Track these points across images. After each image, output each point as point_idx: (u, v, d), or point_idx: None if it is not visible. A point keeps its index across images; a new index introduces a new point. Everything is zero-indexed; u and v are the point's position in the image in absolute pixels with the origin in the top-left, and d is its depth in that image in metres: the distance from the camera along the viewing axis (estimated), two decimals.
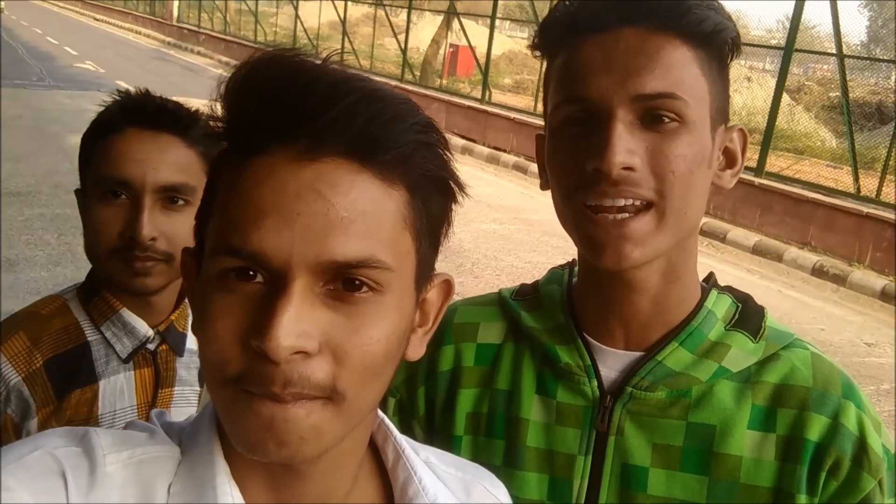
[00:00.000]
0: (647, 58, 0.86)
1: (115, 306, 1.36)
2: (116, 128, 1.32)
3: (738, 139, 0.97)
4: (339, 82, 0.62)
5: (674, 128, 0.87)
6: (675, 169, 0.86)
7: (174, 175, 1.31)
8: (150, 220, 1.29)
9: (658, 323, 0.96)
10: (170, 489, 0.67)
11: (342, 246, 0.60)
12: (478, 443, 1.02)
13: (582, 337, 0.99)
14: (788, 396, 0.92)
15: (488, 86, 14.72)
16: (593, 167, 0.86)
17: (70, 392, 1.31)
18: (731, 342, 0.95)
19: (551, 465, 0.97)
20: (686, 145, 0.87)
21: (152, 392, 1.39)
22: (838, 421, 0.90)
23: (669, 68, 0.86)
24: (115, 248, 1.30)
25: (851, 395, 0.92)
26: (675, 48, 0.87)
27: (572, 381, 0.97)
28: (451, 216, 0.71)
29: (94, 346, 1.35)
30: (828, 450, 0.89)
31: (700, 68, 0.89)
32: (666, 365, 0.94)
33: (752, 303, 1.01)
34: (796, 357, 0.95)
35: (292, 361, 0.59)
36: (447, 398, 1.04)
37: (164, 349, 1.41)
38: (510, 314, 1.06)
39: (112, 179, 1.30)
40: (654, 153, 0.86)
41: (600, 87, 0.87)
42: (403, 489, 0.77)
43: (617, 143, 0.85)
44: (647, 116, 0.87)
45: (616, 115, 0.86)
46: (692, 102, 0.87)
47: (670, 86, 0.86)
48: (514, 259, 7.68)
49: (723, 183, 0.96)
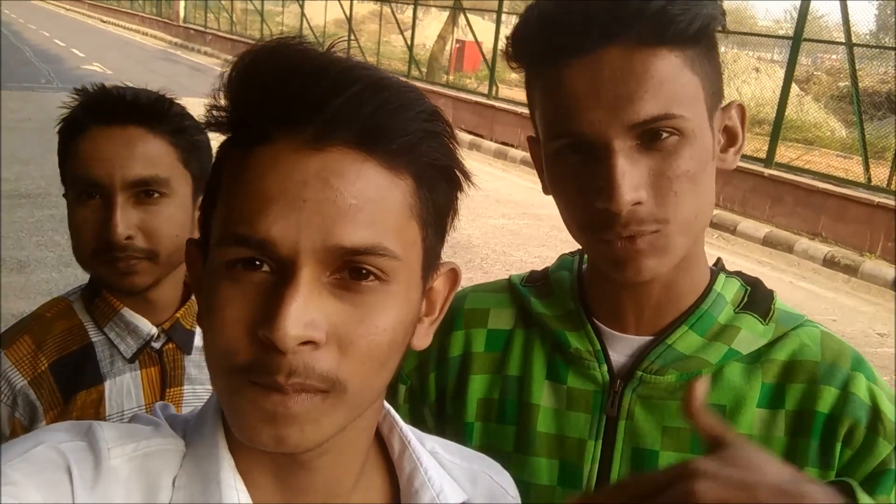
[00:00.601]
0: (636, 81, 0.81)
1: (115, 306, 1.35)
2: (81, 128, 1.29)
3: (736, 115, 0.95)
4: (345, 71, 0.62)
5: (674, 142, 0.84)
6: (677, 189, 0.85)
7: (144, 169, 1.28)
8: (124, 218, 1.26)
9: (668, 308, 0.96)
10: (174, 482, 0.67)
11: (349, 233, 0.60)
12: (489, 429, 1.02)
13: (592, 322, 0.99)
14: (798, 372, 0.92)
15: (495, 81, 14.69)
16: (603, 206, 0.84)
17: (76, 393, 1.30)
18: (741, 324, 0.95)
19: (562, 450, 0.97)
20: (688, 159, 0.85)
21: (160, 391, 1.37)
22: (848, 391, 0.90)
23: (660, 86, 0.82)
24: (95, 250, 1.29)
25: (861, 367, 0.92)
26: (663, 60, 0.82)
27: (582, 366, 0.98)
28: (458, 205, 0.71)
29: (98, 346, 1.34)
30: (840, 419, 0.89)
31: (692, 69, 0.85)
32: (676, 349, 0.94)
33: (762, 286, 1.01)
34: (805, 335, 0.95)
35: (299, 352, 0.59)
36: (458, 384, 1.04)
37: (171, 347, 1.39)
38: (520, 300, 1.06)
39: (83, 181, 1.28)
40: (658, 176, 0.84)
41: (592, 120, 0.83)
42: (409, 480, 0.77)
43: (623, 183, 0.82)
44: (646, 137, 0.84)
45: (614, 147, 0.82)
46: (689, 114, 0.84)
47: (664, 106, 0.82)
48: (524, 254, 7.67)
49: (726, 164, 0.95)
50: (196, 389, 1.42)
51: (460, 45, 19.13)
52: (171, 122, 1.33)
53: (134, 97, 1.31)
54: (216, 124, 0.66)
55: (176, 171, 1.33)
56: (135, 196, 1.28)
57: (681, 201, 0.85)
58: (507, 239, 8.14)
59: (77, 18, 39.56)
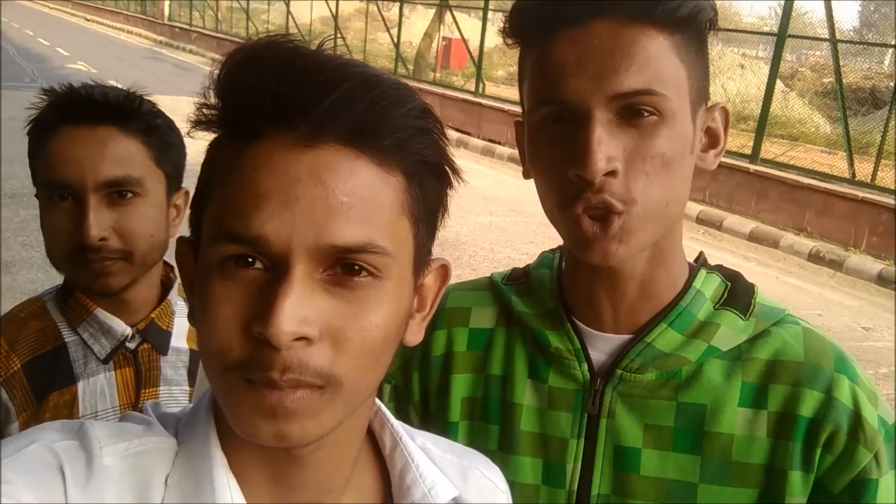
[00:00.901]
0: (623, 54, 0.83)
1: (88, 307, 1.33)
2: (50, 128, 1.27)
3: (719, 118, 0.96)
4: (336, 68, 0.62)
5: (653, 122, 0.85)
6: (649, 169, 0.85)
7: (115, 169, 1.26)
8: (97, 219, 1.24)
9: (646, 305, 0.96)
10: (167, 481, 0.67)
11: (342, 231, 0.60)
12: (473, 428, 1.02)
13: (571, 321, 0.99)
14: (780, 372, 0.92)
15: (482, 78, 14.70)
16: (575, 174, 0.85)
17: (49, 394, 1.28)
18: (721, 321, 0.95)
19: (545, 449, 0.98)
20: (665, 140, 0.85)
21: (135, 393, 1.36)
22: (831, 395, 0.90)
23: (646, 62, 0.83)
24: (70, 253, 1.27)
25: (844, 368, 0.92)
26: (650, 39, 0.84)
27: (563, 365, 0.98)
28: (448, 201, 0.72)
29: (71, 347, 1.32)
30: (822, 424, 0.89)
31: (678, 55, 0.86)
32: (655, 346, 0.94)
33: (742, 280, 1.00)
34: (787, 332, 0.95)
35: (293, 348, 0.59)
36: (441, 383, 1.04)
37: (146, 348, 1.38)
38: (501, 299, 1.06)
39: (54, 183, 1.26)
40: (633, 153, 0.85)
41: (576, 88, 0.84)
42: (401, 476, 0.77)
43: (597, 150, 0.83)
44: (626, 112, 0.85)
45: (594, 116, 0.84)
46: (671, 95, 0.85)
47: (648, 81, 0.83)
48: (511, 251, 7.69)
49: (706, 165, 0.95)
50: (172, 390, 1.40)
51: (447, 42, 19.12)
52: (142, 120, 1.31)
53: (103, 96, 1.29)
54: (207, 122, 0.66)
55: (149, 170, 1.31)
56: (107, 197, 1.27)
57: (651, 182, 0.86)
58: (494, 236, 8.15)
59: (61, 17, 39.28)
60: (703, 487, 0.92)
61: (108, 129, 1.27)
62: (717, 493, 0.92)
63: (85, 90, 1.30)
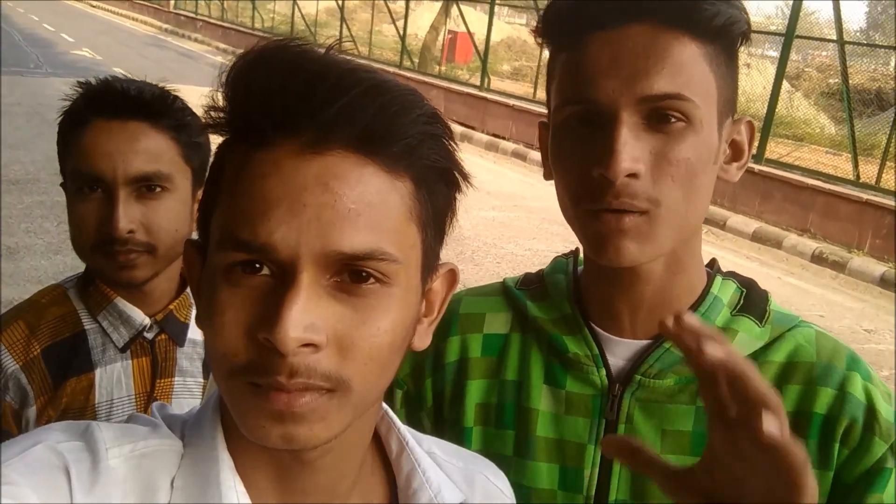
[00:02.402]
0: (655, 58, 0.84)
1: (109, 296, 1.36)
2: (83, 121, 1.29)
3: (745, 131, 0.96)
4: (345, 74, 0.62)
5: (680, 128, 0.85)
6: (674, 174, 0.85)
7: (146, 164, 1.29)
8: (126, 212, 1.27)
9: (664, 311, 0.95)
10: (173, 483, 0.67)
11: (349, 238, 0.60)
12: (488, 433, 1.02)
13: (589, 327, 0.99)
14: (794, 373, 0.93)
15: (487, 73, 14.68)
16: (598, 173, 0.85)
17: (66, 380, 1.31)
18: (738, 327, 0.95)
19: (562, 454, 0.97)
20: (691, 147, 0.86)
21: (150, 382, 1.38)
22: (845, 391, 0.91)
23: (678, 68, 0.84)
24: (96, 243, 1.29)
25: (857, 366, 0.93)
26: (683, 46, 0.85)
27: (581, 370, 0.98)
28: (456, 206, 0.71)
29: (90, 334, 1.35)
30: (838, 419, 0.90)
31: (709, 65, 0.87)
32: (674, 352, 0.94)
33: (757, 287, 1.01)
34: (801, 335, 0.96)
35: (300, 354, 0.59)
36: (455, 389, 1.04)
37: (164, 338, 1.40)
38: (516, 304, 1.06)
39: (84, 175, 1.28)
40: (658, 157, 0.85)
41: (606, 89, 0.85)
42: (407, 480, 0.77)
43: (622, 151, 0.83)
44: (654, 116, 0.85)
45: (621, 118, 0.84)
46: (700, 102, 0.85)
47: (678, 86, 0.84)
48: (515, 247, 7.68)
49: (728, 176, 0.96)
50: (187, 381, 1.42)
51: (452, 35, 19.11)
52: (173, 117, 1.33)
53: (138, 91, 1.31)
54: (215, 125, 0.66)
55: (177, 166, 1.33)
56: (136, 191, 1.29)
57: (675, 188, 0.86)
58: (497, 231, 8.14)
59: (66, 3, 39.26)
60: None
61: (140, 124, 1.29)
62: None
63: (120, 85, 1.32)
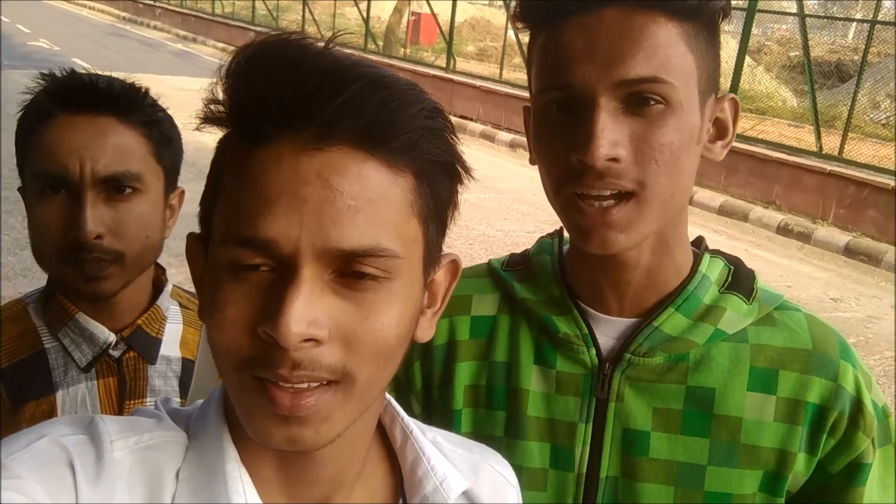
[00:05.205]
0: (631, 41, 0.83)
1: (70, 311, 1.23)
2: (47, 115, 1.17)
3: (729, 109, 0.95)
4: (346, 69, 0.61)
5: (659, 111, 0.85)
6: (658, 157, 0.85)
7: (116, 162, 1.17)
8: (94, 215, 1.15)
9: (651, 290, 0.97)
10: (178, 475, 0.67)
11: (349, 235, 0.60)
12: (478, 415, 1.02)
13: (577, 306, 0.99)
14: (790, 360, 0.95)
15: (453, 54, 14.61)
16: (577, 159, 0.84)
17: (25, 403, 1.19)
18: (726, 305, 0.96)
19: (553, 433, 0.98)
20: (672, 129, 0.85)
21: (118, 404, 1.25)
22: (838, 383, 0.93)
23: (654, 50, 0.83)
24: (60, 251, 1.17)
25: (847, 355, 0.95)
26: (659, 27, 0.84)
27: (571, 350, 0.98)
28: (458, 198, 0.72)
29: (50, 353, 1.23)
30: (829, 411, 0.92)
31: (687, 44, 0.85)
32: (663, 330, 0.95)
33: (743, 266, 1.02)
34: (792, 320, 0.97)
35: (302, 348, 0.59)
36: (444, 372, 1.04)
37: (132, 356, 1.27)
38: (503, 286, 1.06)
39: (48, 174, 1.16)
40: (639, 141, 0.85)
41: (583, 74, 0.84)
42: (413, 469, 0.78)
43: (601, 136, 0.83)
44: (632, 100, 0.84)
45: (599, 103, 0.83)
46: (678, 84, 0.84)
47: (655, 69, 0.83)
48: (486, 228, 7.70)
49: (713, 155, 0.95)
50: None
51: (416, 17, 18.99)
52: (144, 112, 1.23)
53: (106, 84, 1.20)
54: (215, 119, 0.65)
55: (148, 165, 1.23)
56: (105, 192, 1.18)
57: (659, 171, 0.85)
58: (468, 213, 8.12)
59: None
60: (711, 470, 0.94)
61: (109, 119, 1.19)
62: (725, 475, 0.94)
63: (87, 77, 1.21)
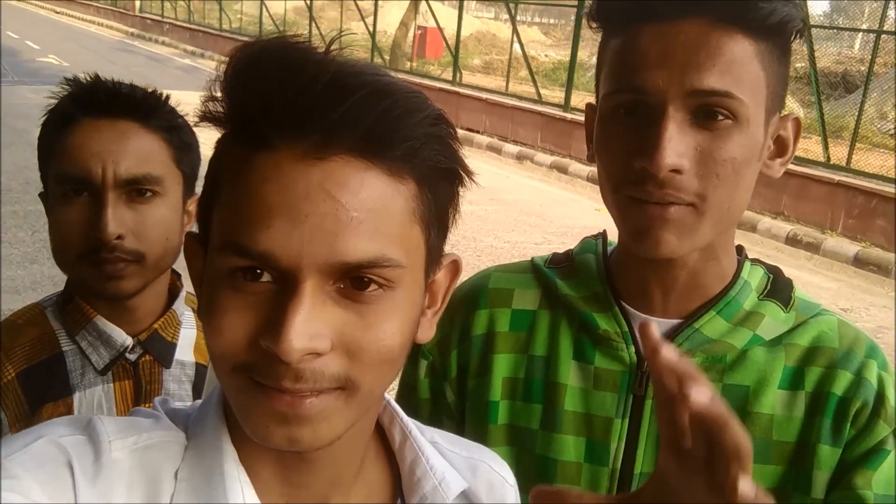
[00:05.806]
0: (707, 53, 0.83)
1: (88, 314, 1.27)
2: (70, 120, 1.22)
3: (791, 128, 0.97)
4: (349, 76, 0.60)
5: (727, 126, 0.85)
6: (720, 172, 0.86)
7: (137, 166, 1.21)
8: (115, 216, 1.19)
9: (695, 293, 0.98)
10: (177, 474, 0.67)
11: (353, 247, 0.60)
12: (515, 407, 1.04)
13: (619, 305, 1.01)
14: (817, 357, 0.96)
15: (459, 67, 14.66)
16: (641, 165, 0.85)
17: (43, 405, 1.23)
18: (765, 311, 0.98)
19: (589, 428, 0.99)
20: (737, 146, 0.86)
21: (133, 406, 1.28)
22: (861, 376, 0.94)
23: (729, 65, 0.84)
24: (82, 252, 1.21)
25: (874, 355, 0.97)
26: (736, 43, 0.84)
27: (610, 347, 1.00)
28: (459, 201, 0.71)
29: (68, 356, 1.26)
30: (852, 401, 0.93)
31: (761, 62, 0.86)
32: (703, 332, 0.96)
33: (782, 274, 1.04)
34: (824, 323, 0.99)
35: (304, 361, 0.59)
36: (481, 363, 1.06)
37: (148, 360, 1.31)
38: (545, 282, 1.07)
39: (71, 177, 1.20)
40: (703, 154, 0.85)
41: (656, 80, 0.85)
42: (411, 469, 0.78)
43: (667, 145, 0.83)
44: (701, 113, 0.85)
45: (668, 111, 0.84)
46: (748, 101, 0.85)
47: (728, 84, 0.84)
48: (493, 239, 7.70)
49: (771, 172, 0.96)
50: None
51: (422, 31, 19.08)
52: (164, 117, 1.27)
53: (130, 90, 1.25)
54: (213, 119, 0.64)
55: (169, 169, 1.27)
56: (126, 194, 1.22)
57: (720, 185, 0.86)
58: (475, 225, 8.15)
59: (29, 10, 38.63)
60: None
61: (131, 124, 1.23)
62: (758, 471, 0.94)
63: (110, 83, 1.26)
